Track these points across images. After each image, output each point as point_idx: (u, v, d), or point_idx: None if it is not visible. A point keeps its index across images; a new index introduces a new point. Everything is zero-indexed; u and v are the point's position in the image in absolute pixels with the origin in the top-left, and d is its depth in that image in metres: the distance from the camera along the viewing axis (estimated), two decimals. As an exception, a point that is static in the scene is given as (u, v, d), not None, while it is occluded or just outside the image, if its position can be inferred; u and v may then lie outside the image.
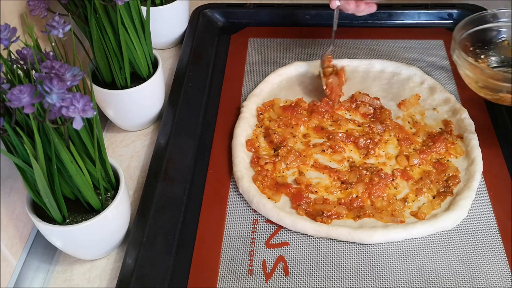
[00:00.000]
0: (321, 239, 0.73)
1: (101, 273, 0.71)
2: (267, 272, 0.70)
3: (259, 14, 1.11)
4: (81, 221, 0.65)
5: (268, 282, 0.68)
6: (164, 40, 1.07)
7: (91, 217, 0.65)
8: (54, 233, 0.65)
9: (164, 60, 1.05)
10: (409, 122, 0.88)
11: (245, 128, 0.87)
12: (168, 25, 1.04)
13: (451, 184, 0.78)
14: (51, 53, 0.60)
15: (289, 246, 0.72)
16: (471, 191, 0.76)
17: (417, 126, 0.87)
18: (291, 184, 0.79)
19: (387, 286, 0.67)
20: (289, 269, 0.70)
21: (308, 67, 0.98)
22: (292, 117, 0.88)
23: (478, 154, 0.80)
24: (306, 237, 0.73)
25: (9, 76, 0.57)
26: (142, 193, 0.76)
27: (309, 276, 0.69)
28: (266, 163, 0.81)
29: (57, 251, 0.74)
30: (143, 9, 0.80)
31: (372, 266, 0.70)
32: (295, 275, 0.69)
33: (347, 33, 1.05)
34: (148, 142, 0.90)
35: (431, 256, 0.70)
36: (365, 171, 0.79)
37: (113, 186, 0.70)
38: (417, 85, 0.94)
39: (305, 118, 0.88)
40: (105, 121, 0.93)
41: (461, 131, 0.85)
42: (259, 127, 0.89)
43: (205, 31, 1.07)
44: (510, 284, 0.67)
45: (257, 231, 0.74)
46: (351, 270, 0.69)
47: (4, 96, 0.51)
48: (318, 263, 0.70)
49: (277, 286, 0.68)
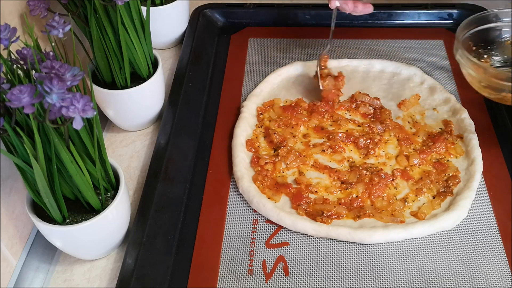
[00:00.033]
0: (321, 239, 0.73)
1: (101, 273, 0.72)
2: (267, 272, 0.70)
3: (259, 14, 1.11)
4: (81, 221, 0.65)
5: (268, 282, 0.68)
6: (164, 40, 1.07)
7: (91, 217, 0.65)
8: (54, 233, 0.65)
9: (164, 60, 1.05)
10: (409, 122, 0.88)
11: (245, 128, 0.87)
12: (168, 25, 1.04)
13: (451, 184, 0.78)
14: (51, 53, 0.60)
15: (289, 246, 0.72)
16: (471, 191, 0.76)
17: (417, 126, 0.87)
18: (291, 184, 0.79)
19: (387, 286, 0.67)
20: (289, 269, 0.70)
21: (308, 67, 0.98)
22: (292, 117, 0.88)
23: (478, 154, 0.80)
24: (306, 237, 0.73)
25: (9, 76, 0.57)
26: (142, 193, 0.76)
27: (309, 276, 0.69)
28: (266, 163, 0.81)
29: (57, 251, 0.74)
30: (143, 9, 0.80)
31: (372, 266, 0.70)
32: (295, 275, 0.69)
33: (347, 33, 1.05)
34: (148, 142, 0.90)
35: (431, 256, 0.70)
36: (365, 171, 0.79)
37: (113, 186, 0.70)
38: (417, 85, 0.94)
39: (305, 118, 0.88)
40: (105, 121, 0.93)
41: (461, 131, 0.85)
42: (259, 127, 0.89)
43: (205, 31, 1.07)
44: (510, 284, 0.67)
45: (257, 231, 0.74)
46: (351, 270, 0.69)
47: (4, 96, 0.51)
48: (318, 263, 0.70)
49: (277, 286, 0.68)
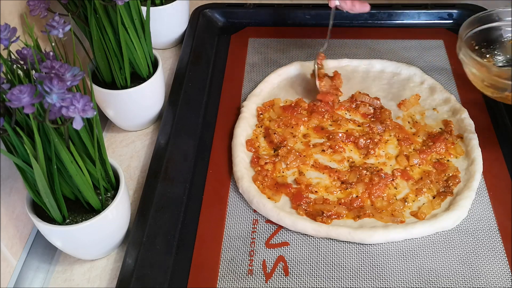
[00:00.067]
0: (321, 239, 0.73)
1: (101, 273, 0.71)
2: (267, 272, 0.69)
3: (259, 14, 1.11)
4: (81, 221, 0.65)
5: (268, 282, 0.68)
6: (164, 40, 1.07)
7: (91, 217, 0.65)
8: (54, 233, 0.65)
9: (164, 60, 1.05)
10: (409, 122, 0.88)
11: (245, 128, 0.87)
12: (168, 25, 1.04)
13: (451, 184, 0.78)
14: (51, 53, 0.60)
15: (289, 246, 0.72)
16: (471, 191, 0.76)
17: (417, 126, 0.87)
18: (291, 184, 0.79)
19: (387, 286, 0.67)
20: (289, 269, 0.70)
21: (308, 67, 0.98)
22: (292, 117, 0.88)
23: (478, 154, 0.80)
24: (306, 237, 0.73)
25: (9, 76, 0.57)
26: (142, 193, 0.76)
27: (309, 276, 0.69)
28: (266, 163, 0.81)
29: (57, 251, 0.74)
30: (143, 9, 0.80)
31: (372, 266, 0.70)
32: (295, 275, 0.69)
33: (347, 33, 1.05)
34: (148, 142, 0.90)
35: (431, 256, 0.70)
36: (365, 171, 0.79)
37: (113, 186, 0.70)
38: (417, 85, 0.94)
39: (305, 118, 0.88)
40: (105, 121, 0.93)
41: (461, 131, 0.85)
42: (259, 127, 0.89)
43: (205, 31, 1.07)
44: (510, 284, 0.67)
45: (257, 231, 0.74)
46: (351, 270, 0.69)
47: (4, 96, 0.51)
48: (318, 263, 0.70)
49: (277, 286, 0.68)
